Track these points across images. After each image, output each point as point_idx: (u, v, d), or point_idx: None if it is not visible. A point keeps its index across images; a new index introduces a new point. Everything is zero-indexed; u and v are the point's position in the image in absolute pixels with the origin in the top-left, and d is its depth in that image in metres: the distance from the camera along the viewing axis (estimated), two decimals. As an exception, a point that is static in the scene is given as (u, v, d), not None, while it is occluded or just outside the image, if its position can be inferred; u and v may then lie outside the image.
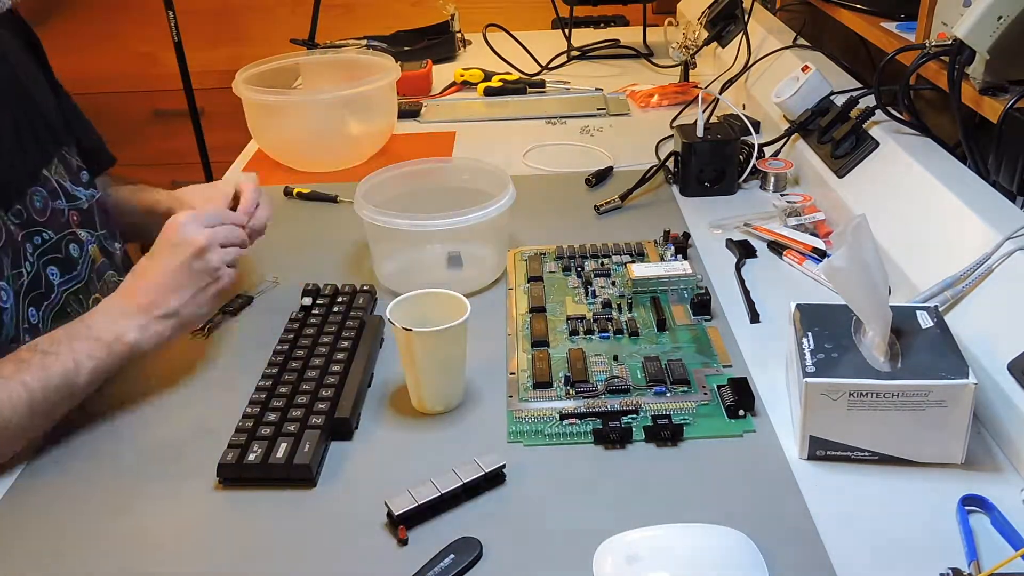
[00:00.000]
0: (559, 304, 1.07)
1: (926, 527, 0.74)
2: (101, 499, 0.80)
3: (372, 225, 1.08)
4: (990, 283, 0.90)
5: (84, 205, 1.10)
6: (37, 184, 1.03)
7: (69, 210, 1.07)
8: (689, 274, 1.08)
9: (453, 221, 1.05)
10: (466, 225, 1.05)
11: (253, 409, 0.86)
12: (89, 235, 1.10)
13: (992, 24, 1.01)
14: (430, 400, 0.89)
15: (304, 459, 0.80)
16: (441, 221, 1.05)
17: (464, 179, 1.20)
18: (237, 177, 1.13)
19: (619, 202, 1.32)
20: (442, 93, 1.89)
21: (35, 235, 1.02)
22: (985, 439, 0.83)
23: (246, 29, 2.90)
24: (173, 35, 2.60)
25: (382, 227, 1.06)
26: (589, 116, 1.72)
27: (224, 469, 0.81)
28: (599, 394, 0.90)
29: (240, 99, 1.45)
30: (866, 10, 1.45)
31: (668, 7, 2.27)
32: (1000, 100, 1.02)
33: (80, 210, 1.10)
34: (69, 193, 1.08)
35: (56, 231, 1.04)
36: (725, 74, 1.67)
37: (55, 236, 1.04)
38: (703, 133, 1.33)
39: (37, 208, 1.02)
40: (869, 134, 1.24)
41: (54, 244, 1.04)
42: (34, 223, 1.02)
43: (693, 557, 0.69)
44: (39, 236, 1.02)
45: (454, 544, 0.72)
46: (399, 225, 1.05)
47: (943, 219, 1.01)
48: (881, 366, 0.79)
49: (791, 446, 0.83)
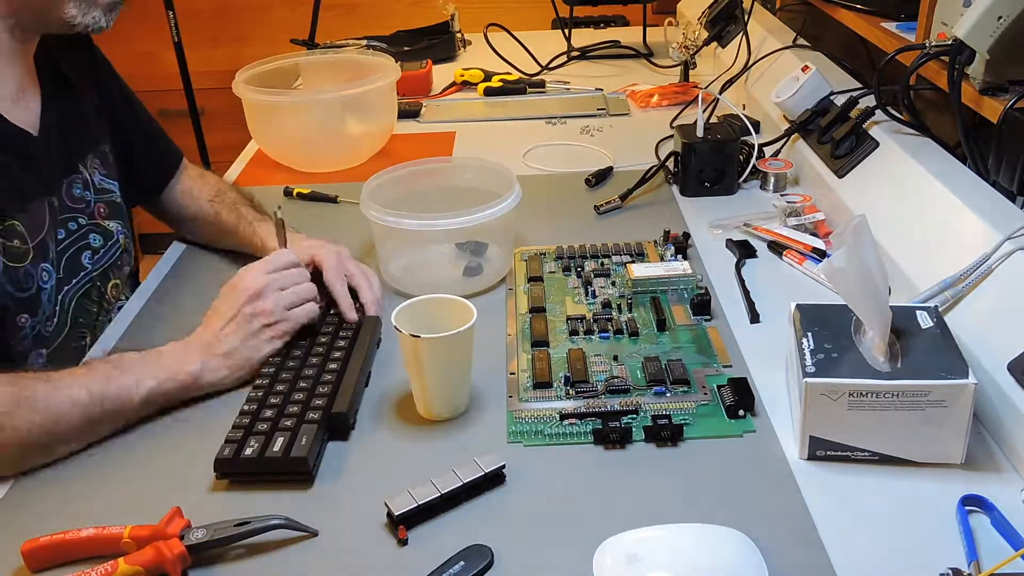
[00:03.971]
0: (559, 304, 1.07)
1: (926, 527, 0.74)
2: (98, 497, 0.80)
3: (379, 225, 1.08)
4: (990, 283, 0.90)
5: (116, 198, 1.17)
6: (75, 173, 1.11)
7: (96, 202, 1.13)
8: (689, 274, 1.08)
9: (461, 220, 1.05)
10: (474, 225, 1.06)
11: (250, 406, 0.87)
12: (120, 226, 1.17)
13: (992, 24, 1.01)
14: (436, 407, 0.88)
15: (301, 452, 0.80)
16: (449, 221, 1.05)
17: (469, 178, 1.21)
18: (348, 267, 1.07)
19: (619, 202, 1.32)
20: (442, 93, 1.89)
21: (70, 221, 1.09)
22: (985, 439, 0.83)
23: (246, 29, 2.90)
24: (173, 35, 2.61)
25: (389, 227, 1.07)
26: (589, 116, 1.72)
27: (221, 464, 0.81)
28: (599, 394, 0.90)
29: (240, 99, 1.45)
30: (866, 10, 1.45)
31: (668, 7, 2.27)
32: (1000, 100, 1.02)
33: (111, 203, 1.16)
34: (98, 187, 1.14)
35: (87, 219, 1.11)
36: (725, 74, 1.67)
37: (87, 224, 1.11)
38: (703, 133, 1.33)
39: (75, 196, 1.10)
40: (869, 134, 1.24)
41: (85, 231, 1.11)
42: (70, 210, 1.09)
43: (693, 557, 0.69)
44: (74, 222, 1.10)
45: (464, 551, 0.72)
46: (407, 225, 1.06)
47: (943, 219, 1.01)
48: (881, 366, 0.79)
49: (791, 446, 0.83)
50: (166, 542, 0.71)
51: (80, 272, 1.10)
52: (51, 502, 0.80)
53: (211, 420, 0.89)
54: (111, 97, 1.21)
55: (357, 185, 1.16)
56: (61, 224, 1.07)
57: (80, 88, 1.15)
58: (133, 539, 0.73)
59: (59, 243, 1.06)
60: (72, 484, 0.82)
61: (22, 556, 0.73)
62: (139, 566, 0.70)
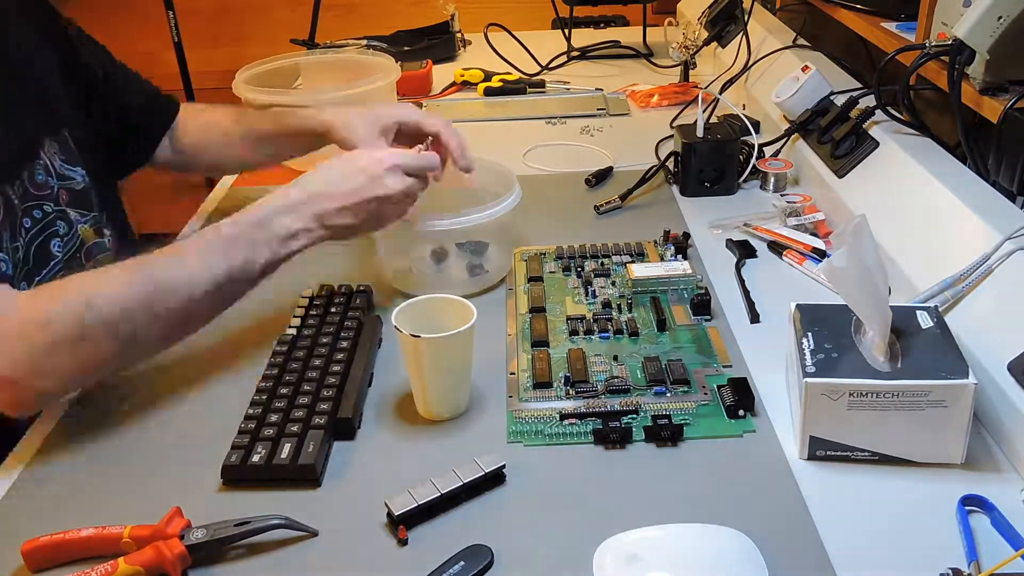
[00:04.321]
0: (559, 304, 1.07)
1: (926, 527, 0.74)
2: (98, 497, 0.80)
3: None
4: (990, 283, 0.90)
5: (79, 186, 1.10)
6: (36, 159, 1.04)
7: (59, 189, 1.07)
8: (689, 274, 1.08)
9: (461, 220, 1.05)
10: (474, 225, 1.06)
11: (254, 410, 0.86)
12: (80, 215, 1.09)
13: (992, 24, 1.01)
14: (437, 407, 0.88)
15: (309, 459, 0.80)
16: (451, 220, 1.05)
17: (468, 178, 1.20)
18: (417, 114, 1.10)
19: (619, 202, 1.32)
20: (442, 93, 1.89)
21: (35, 209, 1.03)
22: (985, 439, 0.83)
23: (246, 29, 2.90)
24: (173, 35, 2.60)
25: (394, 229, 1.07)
26: (589, 116, 1.72)
27: (228, 471, 0.81)
28: (599, 394, 0.90)
29: (240, 99, 1.45)
30: (866, 10, 1.45)
31: (668, 7, 2.27)
32: (1000, 100, 1.02)
33: (72, 190, 1.09)
34: (59, 172, 1.07)
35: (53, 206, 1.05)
36: (725, 74, 1.67)
37: (53, 211, 1.05)
38: (703, 133, 1.33)
39: (38, 182, 1.04)
40: (869, 134, 1.24)
41: (52, 218, 1.05)
42: (32, 196, 1.02)
43: (693, 557, 0.69)
44: (39, 210, 1.03)
45: (464, 551, 0.72)
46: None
47: (943, 219, 1.01)
48: (881, 366, 0.79)
49: (791, 446, 0.83)
50: (166, 542, 0.71)
51: (51, 261, 1.04)
52: (51, 502, 0.80)
53: (212, 419, 0.89)
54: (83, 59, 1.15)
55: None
56: (26, 212, 1.01)
57: (37, 63, 1.07)
58: (133, 539, 0.73)
59: (27, 232, 1.00)
60: (72, 484, 0.82)
61: (22, 556, 0.73)
62: (139, 566, 0.70)
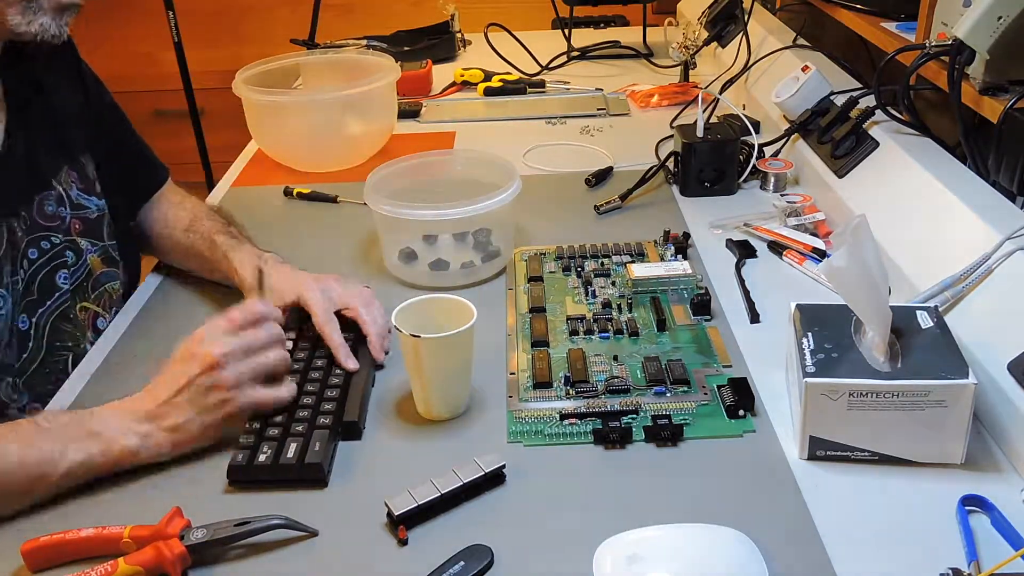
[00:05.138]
0: (559, 304, 1.07)
1: (926, 527, 0.74)
2: (98, 497, 0.80)
3: (383, 216, 1.09)
4: (990, 283, 0.90)
5: (92, 215, 1.10)
6: (48, 190, 1.04)
7: (71, 218, 1.07)
8: (689, 274, 1.08)
9: (464, 210, 1.06)
10: (476, 214, 1.07)
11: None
12: (90, 244, 1.09)
13: (992, 24, 1.01)
14: (437, 407, 0.88)
15: (316, 458, 0.80)
16: (451, 211, 1.06)
17: (468, 171, 1.22)
18: (352, 291, 1.00)
19: (619, 202, 1.32)
20: (442, 93, 1.89)
21: (42, 240, 1.02)
22: (985, 439, 0.83)
23: (246, 29, 2.90)
24: (173, 35, 2.61)
25: (394, 218, 1.08)
26: (589, 116, 1.72)
27: (235, 471, 0.80)
28: (599, 394, 0.90)
29: (240, 99, 1.46)
30: (866, 10, 1.45)
31: (668, 7, 2.27)
32: (1000, 100, 1.02)
33: (86, 219, 1.09)
34: (74, 202, 1.08)
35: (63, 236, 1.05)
36: (725, 74, 1.67)
37: (62, 241, 1.05)
38: (703, 133, 1.33)
39: (47, 213, 1.03)
40: (869, 134, 1.24)
41: (61, 249, 1.05)
42: (40, 228, 1.02)
43: (693, 557, 0.69)
44: (47, 241, 1.03)
45: (464, 551, 0.72)
46: (409, 215, 1.07)
47: (943, 219, 1.01)
48: (881, 366, 0.79)
49: (791, 446, 0.83)
50: (166, 542, 0.71)
51: (55, 293, 1.03)
52: (51, 502, 0.80)
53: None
54: (95, 100, 1.15)
55: (357, 185, 1.16)
56: (32, 244, 1.01)
57: (59, 92, 1.08)
58: (133, 539, 0.73)
59: (32, 263, 1.00)
60: (78, 489, 0.82)
61: (22, 556, 0.72)
62: (139, 566, 0.70)
